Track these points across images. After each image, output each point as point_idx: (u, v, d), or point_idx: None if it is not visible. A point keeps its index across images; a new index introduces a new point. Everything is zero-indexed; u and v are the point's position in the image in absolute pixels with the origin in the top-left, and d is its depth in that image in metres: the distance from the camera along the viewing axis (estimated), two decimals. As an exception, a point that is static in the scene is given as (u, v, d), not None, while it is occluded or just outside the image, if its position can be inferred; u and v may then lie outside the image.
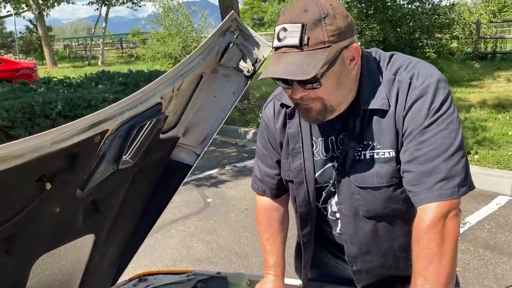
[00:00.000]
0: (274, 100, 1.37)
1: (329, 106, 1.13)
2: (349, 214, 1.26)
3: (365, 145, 1.17)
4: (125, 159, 1.33)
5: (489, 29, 14.66)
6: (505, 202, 4.33)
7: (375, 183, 1.18)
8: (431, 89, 1.09)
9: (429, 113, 1.09)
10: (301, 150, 1.28)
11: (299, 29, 1.03)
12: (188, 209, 4.53)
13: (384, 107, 1.13)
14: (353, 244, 1.30)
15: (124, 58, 29.21)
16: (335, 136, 1.24)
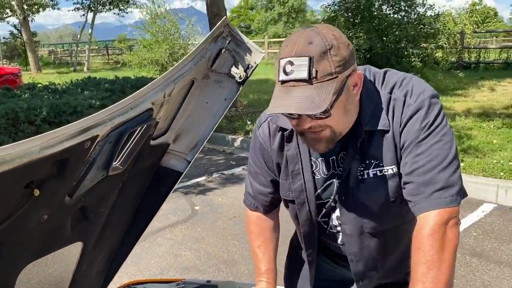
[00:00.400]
0: (268, 121, 1.34)
1: (337, 133, 1.14)
2: (354, 233, 1.27)
3: (367, 164, 1.19)
4: (115, 166, 1.31)
5: (473, 39, 14.94)
6: (490, 209, 4.38)
7: (380, 201, 1.19)
8: (425, 105, 1.12)
9: (424, 127, 1.11)
10: (301, 172, 1.27)
11: (306, 62, 1.03)
12: (176, 217, 4.49)
13: (385, 127, 1.15)
14: (359, 262, 1.31)
15: (110, 65, 29.02)
16: (335, 156, 1.24)
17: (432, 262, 1.03)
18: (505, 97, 8.70)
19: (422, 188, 1.09)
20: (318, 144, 1.15)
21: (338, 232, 1.33)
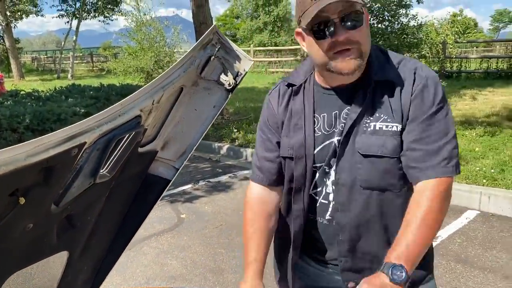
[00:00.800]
0: (280, 84, 1.44)
1: (363, 52, 1.21)
2: (346, 183, 1.29)
3: (375, 117, 1.25)
4: (103, 173, 1.29)
5: (455, 49, 15.23)
6: (474, 216, 4.43)
7: (379, 152, 1.24)
8: (434, 82, 1.24)
9: (434, 101, 1.22)
10: (303, 126, 1.33)
11: None
12: (162, 225, 4.44)
13: (390, 81, 1.24)
14: (344, 213, 1.32)
15: (94, 72, 28.79)
16: (338, 110, 1.30)
17: (427, 220, 1.17)
18: (486, 106, 8.86)
19: (428, 157, 1.20)
20: (350, 63, 1.20)
21: (329, 203, 1.35)
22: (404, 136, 1.23)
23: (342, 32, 1.16)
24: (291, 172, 1.38)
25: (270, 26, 35.05)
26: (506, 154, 5.45)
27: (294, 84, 1.38)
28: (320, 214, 1.38)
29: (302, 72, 1.40)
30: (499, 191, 4.57)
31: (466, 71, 15.18)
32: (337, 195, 1.32)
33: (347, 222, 1.33)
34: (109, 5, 26.52)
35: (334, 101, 1.31)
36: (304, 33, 1.26)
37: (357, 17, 1.17)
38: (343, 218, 1.33)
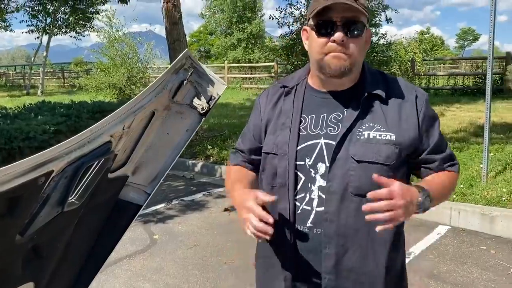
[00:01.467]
0: (270, 88, 1.54)
1: (352, 62, 1.29)
2: (337, 190, 1.31)
3: (368, 126, 1.32)
4: (71, 201, 1.26)
5: (423, 67, 15.70)
6: (445, 231, 4.52)
7: (373, 158, 1.30)
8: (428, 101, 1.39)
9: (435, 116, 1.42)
10: (290, 125, 1.38)
11: None
12: (134, 247, 4.34)
13: (384, 95, 1.34)
14: (332, 223, 1.32)
15: (65, 88, 28.26)
16: (327, 114, 1.37)
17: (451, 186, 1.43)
18: (454, 122, 9.12)
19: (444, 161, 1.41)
20: (340, 61, 1.28)
21: (311, 210, 1.34)
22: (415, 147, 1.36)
23: (341, 35, 1.26)
24: (275, 168, 1.39)
25: (244, 43, 35.35)
26: (474, 169, 5.59)
27: (287, 85, 1.45)
28: (301, 222, 1.36)
29: (296, 77, 1.48)
30: (469, 206, 4.68)
31: (434, 88, 15.64)
32: (327, 204, 1.32)
33: (335, 231, 1.32)
34: (81, 21, 26.21)
35: (324, 104, 1.38)
36: (309, 30, 1.36)
37: (358, 27, 1.27)
38: (331, 228, 1.32)
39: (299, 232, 1.37)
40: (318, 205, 1.34)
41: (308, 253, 1.37)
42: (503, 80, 13.68)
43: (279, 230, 1.38)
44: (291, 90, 1.44)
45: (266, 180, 1.44)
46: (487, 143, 5.13)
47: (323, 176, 1.33)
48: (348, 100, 1.35)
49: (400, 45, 13.61)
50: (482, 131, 5.35)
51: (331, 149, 1.32)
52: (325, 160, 1.33)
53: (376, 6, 11.58)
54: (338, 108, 1.36)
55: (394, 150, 1.30)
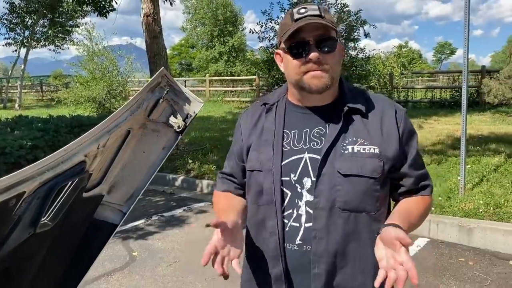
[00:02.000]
0: (252, 106, 1.55)
1: (331, 77, 1.32)
2: (325, 207, 1.30)
3: (352, 141, 1.33)
4: (44, 222, 1.23)
5: (401, 80, 16.00)
6: (424, 243, 4.57)
7: (359, 172, 1.30)
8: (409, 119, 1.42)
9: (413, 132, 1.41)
10: (272, 141, 1.38)
11: (316, 7, 1.30)
12: (112, 264, 4.26)
13: (365, 110, 1.36)
14: (322, 240, 1.30)
15: (44, 102, 27.85)
16: (309, 129, 1.38)
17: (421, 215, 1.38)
18: (431, 134, 9.28)
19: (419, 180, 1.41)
20: (320, 80, 1.30)
21: (300, 226, 1.33)
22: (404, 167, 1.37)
23: (315, 53, 1.28)
24: (260, 186, 1.38)
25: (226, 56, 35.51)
26: (452, 181, 5.69)
27: (268, 102, 1.46)
28: (289, 240, 1.34)
29: (277, 94, 1.49)
30: (447, 218, 4.75)
31: (413, 101, 15.92)
32: (315, 221, 1.31)
33: (325, 249, 1.30)
34: (60, 34, 25.96)
35: (306, 120, 1.39)
36: (282, 53, 1.37)
37: (330, 43, 1.30)
38: (320, 246, 1.30)
39: (288, 250, 1.35)
40: (307, 221, 1.32)
41: (297, 273, 1.35)
42: (478, 93, 14.02)
43: (268, 251, 1.37)
44: (272, 107, 1.45)
45: (252, 199, 1.42)
46: (463, 156, 5.23)
47: (309, 191, 1.32)
48: (330, 115, 1.37)
49: (379, 59, 13.87)
50: (459, 144, 5.46)
51: (316, 163, 1.32)
52: (310, 174, 1.33)
53: (354, 21, 11.80)
54: (320, 123, 1.37)
55: (379, 163, 1.32)
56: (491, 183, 5.50)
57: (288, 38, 1.30)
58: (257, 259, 1.41)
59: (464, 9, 5.09)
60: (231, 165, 1.54)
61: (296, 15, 1.29)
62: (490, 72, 14.98)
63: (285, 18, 1.35)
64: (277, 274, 1.36)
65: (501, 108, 12.78)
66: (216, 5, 35.70)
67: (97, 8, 9.08)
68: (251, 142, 1.44)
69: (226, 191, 1.55)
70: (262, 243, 1.39)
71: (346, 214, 1.30)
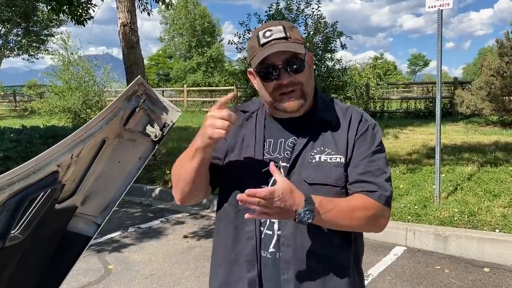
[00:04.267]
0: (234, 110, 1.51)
1: (306, 93, 1.36)
2: None
3: (319, 150, 1.36)
4: (14, 235, 1.19)
5: (377, 91, 16.27)
6: (401, 252, 4.61)
7: (324, 180, 1.33)
8: (376, 128, 1.43)
9: (375, 143, 1.40)
10: (254, 148, 1.41)
11: (282, 29, 1.33)
12: (87, 278, 4.15)
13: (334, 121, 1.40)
14: (289, 247, 1.33)
15: (17, 112, 27.21)
16: (284, 139, 1.41)
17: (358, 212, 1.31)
18: (407, 144, 9.43)
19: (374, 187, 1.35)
20: (294, 102, 1.35)
21: (273, 234, 1.36)
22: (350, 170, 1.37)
23: (286, 76, 1.32)
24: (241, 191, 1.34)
25: (204, 67, 35.50)
26: (427, 190, 5.78)
27: (247, 111, 1.50)
28: (264, 247, 1.37)
29: (257, 102, 1.52)
30: (423, 226, 4.80)
31: (388, 111, 16.20)
32: (284, 228, 1.34)
33: (292, 256, 1.33)
34: (34, 43, 25.53)
35: (281, 131, 1.43)
36: (254, 74, 1.40)
37: (299, 63, 1.33)
38: (288, 252, 1.33)
39: (263, 258, 1.37)
40: (279, 228, 1.35)
41: (270, 280, 1.37)
42: (452, 103, 14.36)
43: (244, 255, 1.39)
44: (252, 115, 1.48)
45: (231, 203, 1.43)
46: (438, 165, 5.32)
47: None
48: (303, 126, 1.41)
49: (355, 70, 14.08)
50: (434, 153, 5.55)
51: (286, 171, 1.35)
52: None
53: (331, 32, 11.96)
54: (293, 134, 1.41)
55: (344, 173, 1.35)
56: (465, 192, 5.61)
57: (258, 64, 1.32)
58: (231, 262, 1.41)
59: (437, 22, 5.23)
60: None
61: (262, 40, 1.32)
62: (462, 84, 15.40)
63: (252, 40, 1.37)
64: (252, 279, 1.37)
65: (473, 119, 13.11)
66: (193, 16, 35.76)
67: (74, 16, 8.95)
68: (232, 146, 1.45)
69: None
70: (239, 247, 1.40)
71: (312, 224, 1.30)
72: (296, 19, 11.96)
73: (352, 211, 1.30)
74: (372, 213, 1.33)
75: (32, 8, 22.44)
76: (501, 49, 11.31)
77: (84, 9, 9.00)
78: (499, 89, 11.32)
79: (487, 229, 4.59)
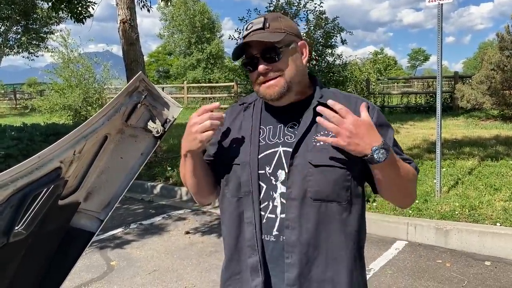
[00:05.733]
0: (230, 107, 1.61)
1: (287, 81, 1.37)
2: (297, 197, 1.33)
3: (322, 134, 1.35)
4: (18, 231, 1.19)
5: (377, 86, 16.26)
6: (402, 246, 4.62)
7: (329, 162, 1.34)
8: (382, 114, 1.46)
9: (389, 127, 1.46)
10: (250, 136, 1.43)
11: (262, 20, 1.38)
12: (90, 274, 4.17)
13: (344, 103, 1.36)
14: (294, 230, 1.33)
15: (18, 110, 27.24)
16: (283, 124, 1.43)
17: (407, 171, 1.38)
18: (408, 139, 9.44)
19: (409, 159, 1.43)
20: (272, 88, 1.37)
21: (276, 217, 1.37)
22: None
23: (263, 64, 1.36)
24: (239, 178, 1.40)
25: (204, 63, 35.47)
26: (428, 185, 5.79)
27: (246, 102, 1.54)
28: (267, 231, 1.37)
29: (254, 95, 1.53)
30: (424, 221, 4.82)
31: (389, 106, 16.19)
32: (288, 211, 1.34)
33: (297, 239, 1.32)
34: (34, 41, 25.50)
35: (280, 116, 1.44)
36: None
37: (276, 51, 1.35)
38: (292, 235, 1.33)
39: (266, 242, 1.38)
40: (281, 212, 1.36)
41: (273, 263, 1.37)
42: (452, 98, 14.35)
43: (245, 240, 1.40)
44: (250, 106, 1.51)
45: (231, 193, 1.44)
46: (439, 159, 5.33)
47: (283, 183, 1.36)
48: (302, 110, 1.41)
49: (355, 65, 14.08)
50: (435, 148, 5.56)
51: (289, 155, 1.36)
52: (284, 167, 1.37)
53: (331, 28, 11.95)
54: (293, 118, 1.42)
55: (348, 154, 1.33)
56: (466, 186, 5.62)
57: (242, 55, 1.42)
58: (236, 250, 1.44)
59: (436, 16, 5.22)
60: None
61: (244, 32, 1.40)
62: (462, 78, 15.38)
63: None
64: (253, 264, 1.38)
65: (474, 113, 13.10)
66: (193, 12, 35.70)
67: (73, 14, 8.94)
68: (229, 136, 1.48)
69: None
70: (241, 234, 1.42)
71: (317, 204, 1.33)
72: (297, 14, 11.95)
73: (408, 170, 1.38)
74: (415, 179, 1.43)
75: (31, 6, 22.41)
76: (501, 43, 11.29)
77: (84, 7, 8.98)
78: (500, 83, 11.31)
79: (488, 223, 4.60)
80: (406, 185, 1.39)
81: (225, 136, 1.49)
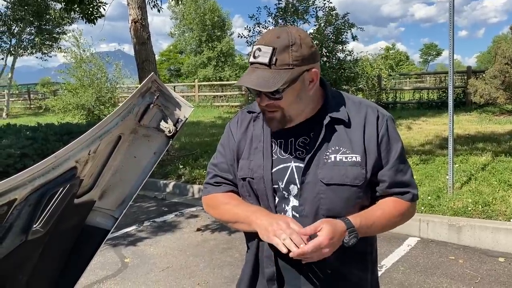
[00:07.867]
0: (240, 113, 1.56)
1: (287, 116, 1.35)
2: (309, 215, 1.34)
3: (334, 150, 1.35)
4: (36, 229, 1.23)
5: (389, 82, 16.14)
6: (415, 243, 4.61)
7: (341, 181, 1.33)
8: (393, 122, 1.43)
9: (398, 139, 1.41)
10: (262, 149, 1.41)
11: (270, 51, 1.26)
12: (104, 272, 4.23)
13: (347, 118, 1.38)
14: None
15: (32, 110, 27.62)
16: (294, 138, 1.40)
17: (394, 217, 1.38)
18: (420, 135, 9.37)
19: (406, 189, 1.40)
20: (271, 122, 1.37)
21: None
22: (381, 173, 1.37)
23: (264, 99, 1.32)
24: (254, 192, 1.42)
25: (214, 61, 35.52)
26: (441, 181, 5.75)
27: (254, 111, 1.48)
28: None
29: None
30: (436, 217, 4.79)
31: (401, 102, 16.06)
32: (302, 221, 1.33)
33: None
34: (47, 41, 25.78)
35: (291, 130, 1.40)
36: None
37: (277, 92, 1.29)
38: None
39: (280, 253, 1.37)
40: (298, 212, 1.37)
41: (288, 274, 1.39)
42: (465, 93, 14.19)
43: (263, 251, 1.41)
44: (259, 115, 1.46)
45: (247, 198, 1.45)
46: (451, 155, 5.29)
47: (295, 197, 1.37)
48: (313, 125, 1.39)
49: (367, 61, 13.99)
50: (447, 143, 5.52)
51: (301, 171, 1.35)
52: (297, 182, 1.37)
53: (342, 24, 11.89)
54: (304, 133, 1.40)
55: (361, 171, 1.34)
56: (479, 182, 5.57)
57: None
58: (255, 259, 1.45)
59: (448, 10, 5.17)
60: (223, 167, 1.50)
61: (252, 59, 1.30)
62: (475, 73, 15.18)
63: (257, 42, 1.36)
64: (270, 274, 1.40)
65: (487, 108, 12.95)
66: (203, 11, 35.74)
67: (85, 15, 9.04)
68: (242, 148, 1.46)
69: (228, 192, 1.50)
70: (258, 245, 1.43)
71: None
72: (306, 10, 11.92)
73: (389, 219, 1.37)
74: (406, 214, 1.41)
75: (44, 7, 22.66)
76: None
77: (95, 7, 9.07)
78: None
79: (502, 219, 4.56)
80: (393, 226, 1.41)
81: (238, 144, 1.47)
